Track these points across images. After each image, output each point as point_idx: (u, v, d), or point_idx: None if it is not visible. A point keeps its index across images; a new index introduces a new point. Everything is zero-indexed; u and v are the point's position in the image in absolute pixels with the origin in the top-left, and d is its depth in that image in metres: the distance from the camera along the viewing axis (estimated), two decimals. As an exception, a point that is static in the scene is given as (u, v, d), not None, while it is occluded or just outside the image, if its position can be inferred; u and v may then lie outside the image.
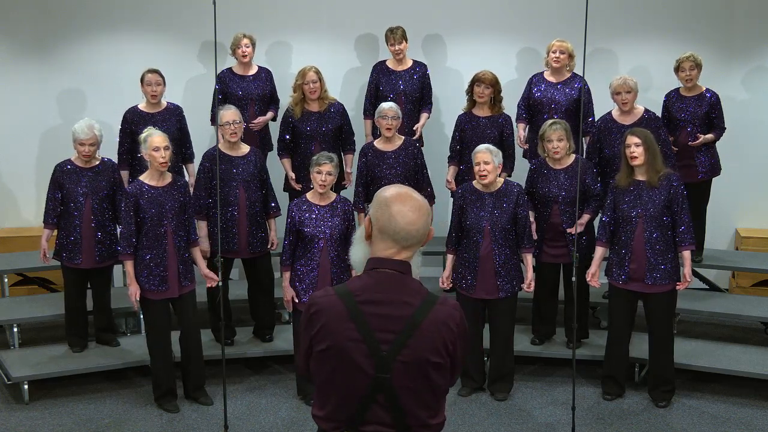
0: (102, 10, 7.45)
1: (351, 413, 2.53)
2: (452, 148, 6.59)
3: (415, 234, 2.52)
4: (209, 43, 5.12)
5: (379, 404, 2.50)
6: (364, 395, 2.50)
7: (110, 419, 5.46)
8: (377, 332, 2.47)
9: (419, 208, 2.53)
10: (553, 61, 6.49)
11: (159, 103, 6.46)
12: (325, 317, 2.51)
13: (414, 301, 2.50)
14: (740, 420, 5.44)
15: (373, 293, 2.50)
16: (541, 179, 5.87)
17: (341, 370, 2.51)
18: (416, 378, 2.49)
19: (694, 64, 6.37)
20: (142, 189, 5.28)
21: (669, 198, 5.34)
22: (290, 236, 5.46)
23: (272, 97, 6.95)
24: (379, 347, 2.46)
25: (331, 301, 2.52)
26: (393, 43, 6.76)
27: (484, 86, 6.35)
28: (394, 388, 2.48)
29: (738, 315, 6.48)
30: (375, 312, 2.48)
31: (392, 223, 2.51)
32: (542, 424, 5.39)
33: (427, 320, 2.48)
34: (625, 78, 6.13)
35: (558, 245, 5.88)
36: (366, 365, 2.47)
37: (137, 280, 5.28)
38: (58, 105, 7.52)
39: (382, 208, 2.53)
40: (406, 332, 2.47)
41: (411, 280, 2.55)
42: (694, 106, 6.44)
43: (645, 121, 6.14)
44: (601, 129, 6.25)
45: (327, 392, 2.59)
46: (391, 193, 2.55)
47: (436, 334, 2.49)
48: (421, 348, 2.48)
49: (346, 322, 2.48)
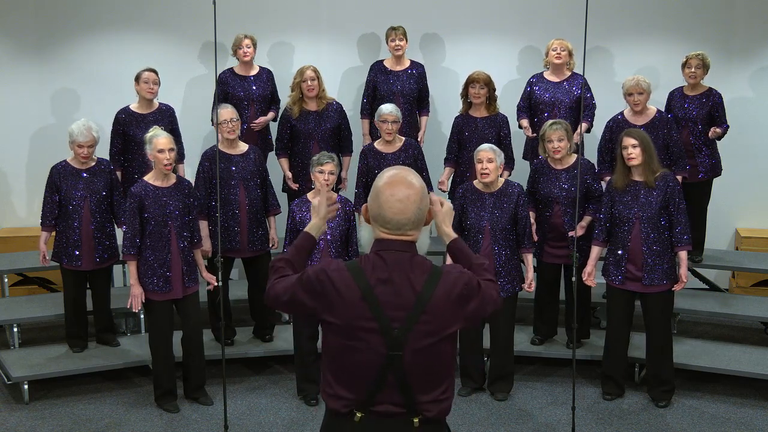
0: (102, 11, 7.45)
1: (362, 392, 2.57)
2: (449, 150, 6.59)
3: (406, 222, 2.58)
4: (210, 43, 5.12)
5: (390, 383, 2.55)
6: (376, 374, 2.54)
7: (110, 419, 5.46)
8: (388, 311, 2.52)
9: (407, 197, 2.57)
10: (554, 58, 6.49)
11: (152, 104, 6.45)
12: (338, 294, 2.55)
13: (421, 277, 2.55)
14: (740, 420, 5.44)
15: (383, 272, 2.55)
16: (542, 179, 5.87)
17: (353, 349, 2.55)
18: (428, 353, 2.54)
19: (701, 63, 6.36)
20: (146, 189, 5.28)
21: (666, 198, 5.34)
22: (291, 236, 5.46)
23: (273, 98, 6.95)
24: (390, 326, 2.51)
25: (344, 278, 2.56)
26: (394, 38, 6.76)
27: (479, 86, 6.35)
28: (405, 366, 2.53)
29: (738, 315, 6.48)
30: (386, 291, 2.53)
31: (382, 212, 2.58)
32: (542, 424, 5.39)
33: (436, 294, 2.55)
34: (638, 79, 6.08)
35: (560, 245, 5.88)
36: (378, 344, 2.52)
37: (141, 281, 5.29)
38: (56, 105, 7.52)
39: (374, 196, 2.62)
40: (417, 308, 2.53)
41: (417, 257, 2.60)
42: (696, 105, 6.44)
43: (657, 122, 6.12)
44: (613, 129, 6.22)
45: (338, 370, 2.61)
46: (384, 181, 2.61)
47: (447, 305, 2.56)
48: (433, 321, 2.54)
49: (359, 302, 2.53)
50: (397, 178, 2.59)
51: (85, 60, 7.49)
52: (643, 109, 6.14)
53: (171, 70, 7.08)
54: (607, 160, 6.27)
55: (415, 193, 2.58)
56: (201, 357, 5.60)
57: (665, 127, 6.10)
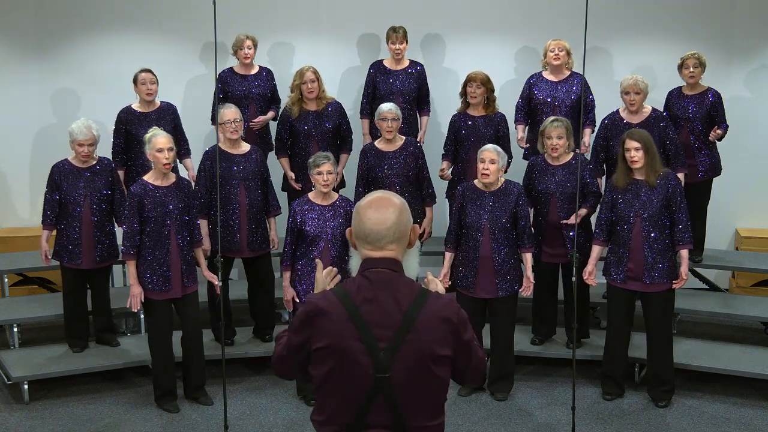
0: (102, 11, 7.44)
1: (351, 416, 2.53)
2: (446, 147, 6.59)
3: (386, 232, 2.54)
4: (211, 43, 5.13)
5: (379, 406, 2.51)
6: (364, 397, 2.50)
7: (110, 419, 5.46)
8: (375, 331, 2.49)
9: (385, 208, 2.56)
10: (553, 59, 6.49)
11: (153, 103, 6.45)
12: (325, 318, 2.52)
13: (407, 297, 2.52)
14: (740, 420, 5.44)
15: (369, 292, 2.52)
16: (538, 176, 5.88)
17: (341, 371, 2.51)
18: (416, 375, 2.50)
19: (698, 62, 6.37)
20: (146, 189, 5.28)
21: (667, 197, 5.34)
22: (291, 236, 5.47)
23: (273, 97, 6.95)
24: (377, 346, 2.48)
25: (330, 302, 2.53)
26: (394, 41, 6.76)
27: (476, 85, 6.36)
28: (394, 388, 2.49)
29: (738, 315, 6.48)
30: (371, 310, 2.50)
31: (361, 227, 2.57)
32: (542, 424, 5.39)
33: (422, 314, 2.50)
34: (636, 79, 6.09)
35: (557, 245, 5.88)
36: (366, 365, 2.48)
37: (140, 280, 5.29)
38: (57, 105, 7.52)
39: (355, 215, 2.62)
40: (403, 328, 2.49)
41: (403, 277, 2.57)
42: (695, 104, 6.44)
43: (653, 120, 6.13)
44: (609, 127, 6.24)
45: (326, 395, 2.59)
46: (365, 201, 2.61)
47: (434, 326, 2.51)
48: (420, 341, 2.49)
49: (346, 323, 2.50)
50: (377, 196, 2.61)
51: (86, 60, 7.48)
52: (638, 109, 6.15)
53: (171, 69, 7.07)
54: (602, 159, 6.27)
55: (394, 207, 2.57)
56: (201, 357, 5.60)
57: (661, 126, 6.10)
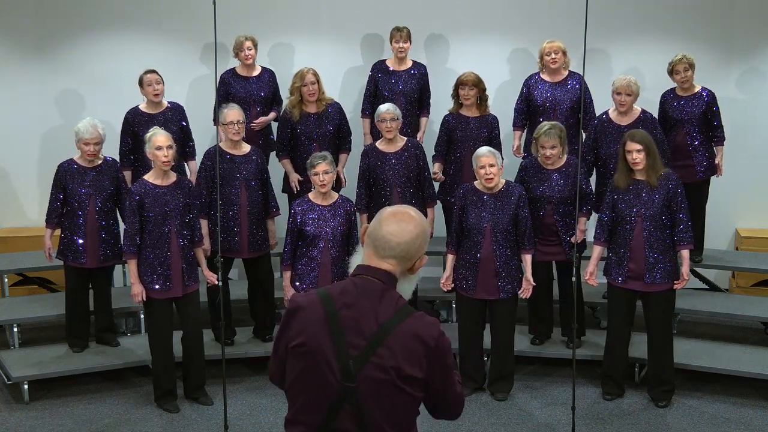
0: (102, 11, 7.45)
1: (319, 420, 2.50)
2: (438, 150, 6.58)
3: (395, 246, 2.52)
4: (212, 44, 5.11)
5: (346, 414, 2.47)
6: (332, 402, 2.47)
7: (110, 419, 5.46)
8: (349, 338, 2.46)
9: (407, 222, 2.55)
10: (550, 63, 6.49)
11: (160, 103, 6.46)
12: (303, 316, 2.52)
13: (388, 309, 2.48)
14: (740, 420, 5.44)
15: (351, 298, 2.50)
16: (533, 180, 5.86)
17: (310, 371, 2.49)
18: (383, 390, 2.45)
19: (688, 65, 6.37)
20: (146, 188, 5.29)
21: (668, 197, 5.35)
22: (291, 236, 5.47)
23: (275, 98, 6.95)
24: (348, 353, 2.45)
25: (312, 301, 2.53)
26: (398, 40, 6.76)
27: (468, 88, 6.37)
28: (361, 398, 2.44)
29: (738, 315, 6.48)
30: (350, 316, 2.48)
31: (377, 230, 2.55)
32: (542, 424, 5.40)
33: (399, 329, 2.46)
34: (629, 80, 6.09)
35: (550, 243, 5.87)
36: (335, 370, 2.45)
37: (141, 279, 5.29)
38: (59, 105, 7.51)
39: (376, 218, 2.60)
40: (376, 340, 2.45)
41: (392, 291, 2.53)
42: (690, 105, 6.44)
43: (642, 122, 6.14)
44: (598, 129, 6.26)
45: (296, 394, 2.56)
46: (393, 209, 2.61)
47: (408, 344, 2.46)
48: (390, 357, 2.44)
49: (322, 325, 2.48)
50: (405, 210, 2.60)
51: (86, 60, 7.48)
52: (628, 110, 6.16)
53: (172, 70, 7.06)
54: (591, 161, 6.28)
55: (416, 227, 2.56)
56: (201, 357, 5.60)
57: (649, 127, 6.10)
